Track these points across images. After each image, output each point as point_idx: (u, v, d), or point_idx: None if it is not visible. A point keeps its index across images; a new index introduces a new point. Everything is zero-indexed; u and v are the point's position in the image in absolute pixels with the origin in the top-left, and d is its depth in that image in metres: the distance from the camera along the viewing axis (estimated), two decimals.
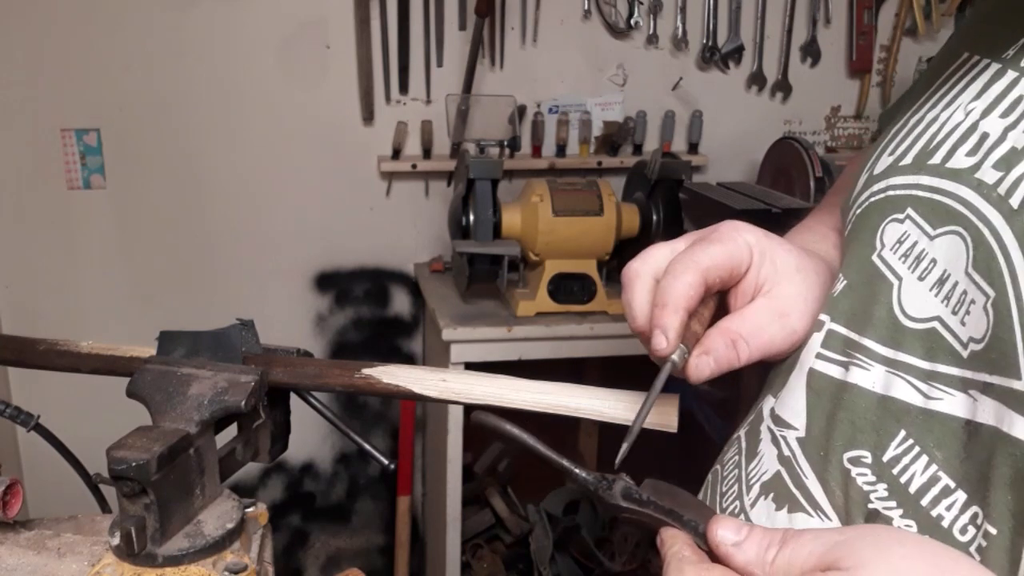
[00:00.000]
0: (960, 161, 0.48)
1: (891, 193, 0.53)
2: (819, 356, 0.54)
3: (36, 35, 2.03)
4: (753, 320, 0.56)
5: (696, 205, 1.97)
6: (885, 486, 0.47)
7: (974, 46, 0.54)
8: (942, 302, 0.46)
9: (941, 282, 0.47)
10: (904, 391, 0.47)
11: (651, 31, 2.27)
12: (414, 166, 2.21)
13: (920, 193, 0.50)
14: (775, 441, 0.55)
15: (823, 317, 0.55)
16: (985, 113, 0.48)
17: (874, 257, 0.52)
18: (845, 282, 0.54)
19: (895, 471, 0.47)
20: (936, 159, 0.50)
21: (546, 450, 0.52)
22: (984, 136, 0.47)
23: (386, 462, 0.79)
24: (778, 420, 0.56)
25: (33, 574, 0.66)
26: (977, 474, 0.43)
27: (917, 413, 0.46)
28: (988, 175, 0.46)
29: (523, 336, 1.91)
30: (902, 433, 0.47)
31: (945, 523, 0.44)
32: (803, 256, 0.60)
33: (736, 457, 0.60)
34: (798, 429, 0.54)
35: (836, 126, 2.46)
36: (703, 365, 0.55)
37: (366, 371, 0.74)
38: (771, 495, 0.54)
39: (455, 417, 1.97)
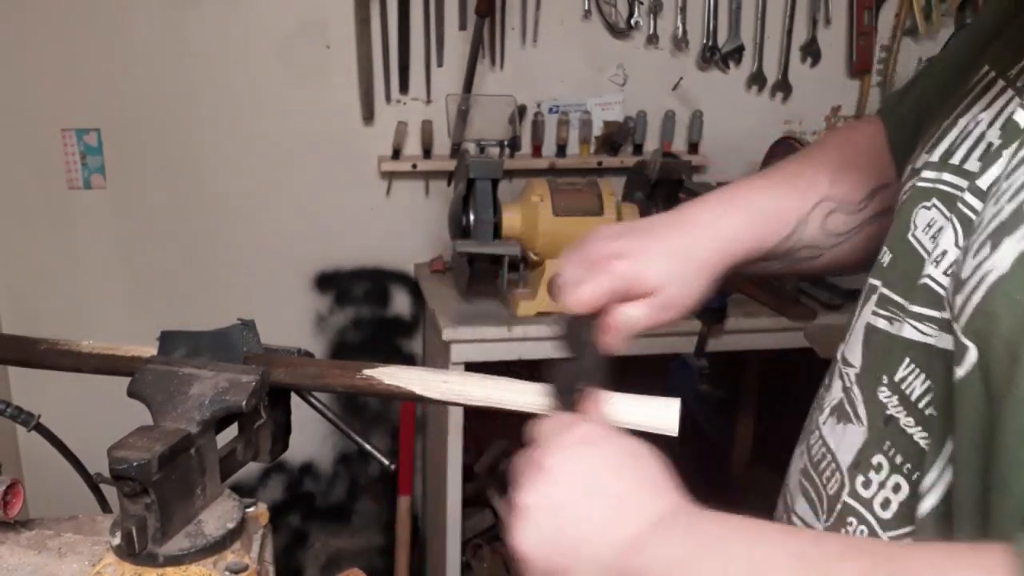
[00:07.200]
0: (973, 165, 0.63)
1: (921, 184, 0.68)
2: (874, 313, 0.70)
3: (36, 35, 2.03)
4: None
5: None
6: (897, 398, 0.64)
7: (994, 62, 0.67)
8: (944, 273, 0.62)
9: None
10: (917, 335, 0.63)
11: (651, 31, 2.27)
12: (414, 166, 2.21)
13: (942, 187, 0.66)
14: (841, 376, 0.73)
15: (875, 282, 0.71)
16: (990, 124, 0.63)
17: (909, 236, 0.68)
18: (891, 255, 0.70)
19: (903, 388, 0.64)
20: (955, 160, 0.65)
21: None
22: (989, 146, 0.62)
23: (387, 462, 0.79)
24: (845, 361, 0.73)
25: (34, 574, 0.66)
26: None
27: (919, 346, 0.63)
28: (983, 178, 0.61)
29: (523, 336, 1.91)
30: (906, 360, 0.64)
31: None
32: (676, 261, 0.77)
33: (821, 391, 0.78)
34: (856, 367, 0.71)
35: (836, 126, 2.46)
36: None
37: (367, 372, 0.74)
38: (836, 414, 0.72)
39: (455, 418, 1.96)
